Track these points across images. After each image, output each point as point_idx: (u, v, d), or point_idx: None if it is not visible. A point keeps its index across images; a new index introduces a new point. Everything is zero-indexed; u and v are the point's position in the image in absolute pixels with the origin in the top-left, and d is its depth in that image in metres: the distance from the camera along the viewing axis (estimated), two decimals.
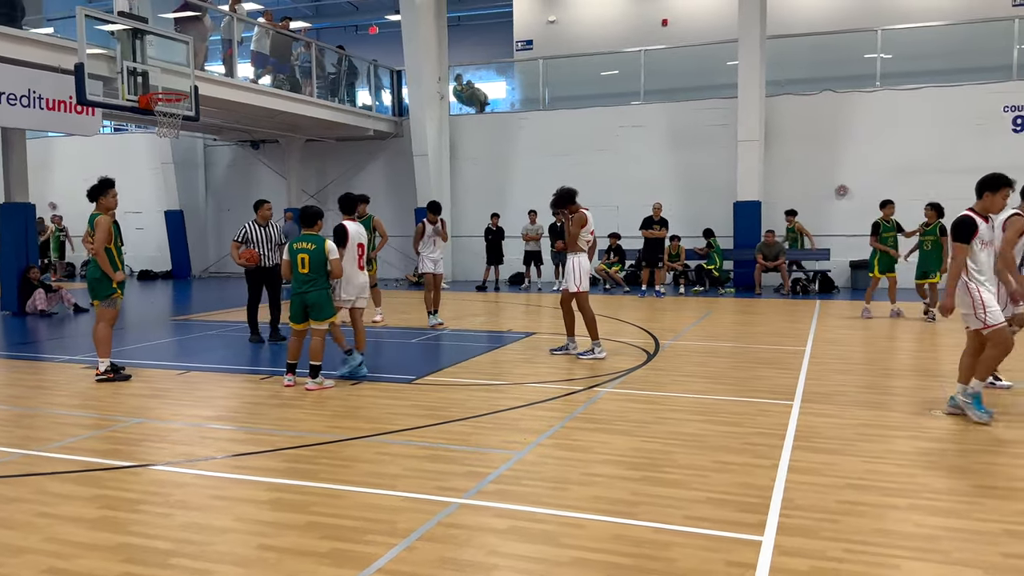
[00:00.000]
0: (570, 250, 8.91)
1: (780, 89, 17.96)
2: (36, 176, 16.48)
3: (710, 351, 9.45)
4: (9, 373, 8.41)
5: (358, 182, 21.29)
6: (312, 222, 7.56)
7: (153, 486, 4.72)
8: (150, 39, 11.27)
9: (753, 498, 4.36)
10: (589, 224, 8.90)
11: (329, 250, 7.36)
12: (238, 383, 7.69)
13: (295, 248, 7.40)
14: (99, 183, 7.91)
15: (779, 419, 6.08)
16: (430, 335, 10.86)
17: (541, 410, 6.48)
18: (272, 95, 16.88)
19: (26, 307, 13.52)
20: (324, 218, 7.75)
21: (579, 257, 8.88)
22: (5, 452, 5.34)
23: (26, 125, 12.57)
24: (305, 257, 7.32)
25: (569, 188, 9.03)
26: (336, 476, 4.82)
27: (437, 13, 19.40)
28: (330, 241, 7.45)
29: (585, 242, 8.92)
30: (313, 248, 7.34)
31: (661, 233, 16.28)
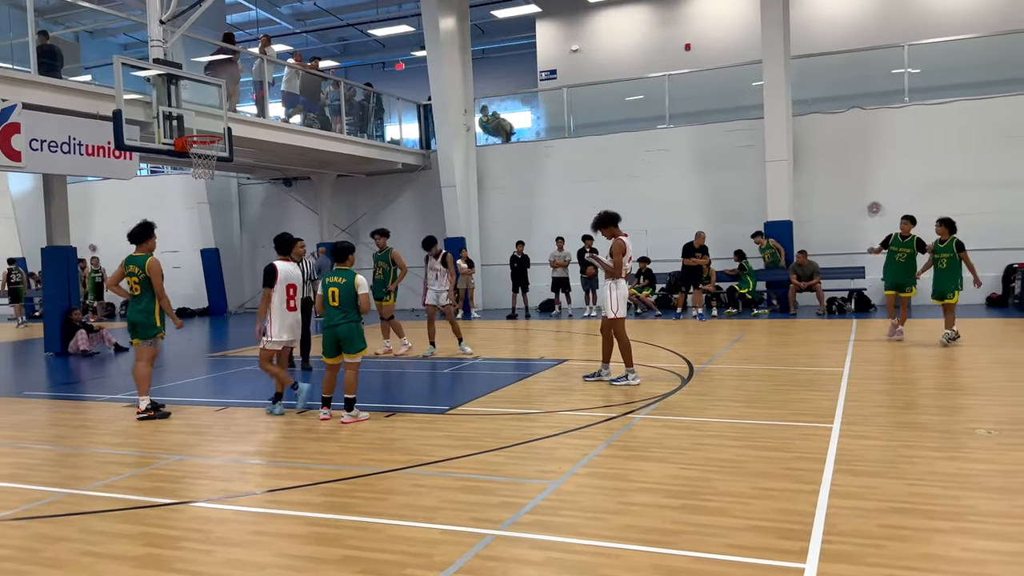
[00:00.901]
0: (615, 276, 8.89)
1: (807, 108, 17.90)
2: (76, 220, 16.92)
3: (746, 374, 9.35)
4: (53, 413, 8.59)
5: (388, 215, 21.57)
6: (344, 257, 7.68)
7: (195, 523, 4.78)
8: (184, 83, 11.57)
9: (794, 524, 4.29)
10: (628, 251, 8.92)
11: (359, 284, 7.45)
12: (275, 417, 7.76)
13: (327, 282, 7.51)
14: (144, 227, 8.15)
15: (819, 443, 5.99)
16: (462, 364, 10.89)
17: (576, 438, 6.46)
18: (303, 133, 17.22)
19: (68, 348, 13.82)
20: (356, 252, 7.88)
21: (616, 283, 8.88)
22: (51, 492, 5.45)
23: (67, 171, 12.95)
24: (336, 291, 7.42)
25: (611, 212, 9.06)
26: (372, 509, 4.84)
27: (462, 47, 19.70)
28: (360, 276, 7.54)
29: (625, 269, 8.94)
30: (344, 282, 7.45)
31: (703, 261, 16.26)
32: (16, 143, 11.23)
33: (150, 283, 7.96)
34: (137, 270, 7.97)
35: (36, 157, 11.67)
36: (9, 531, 4.69)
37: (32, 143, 11.54)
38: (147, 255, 8.04)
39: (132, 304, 8.08)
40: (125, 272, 8.06)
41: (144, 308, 8.00)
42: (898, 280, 11.59)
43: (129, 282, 8.06)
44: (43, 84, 11.77)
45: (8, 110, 11.08)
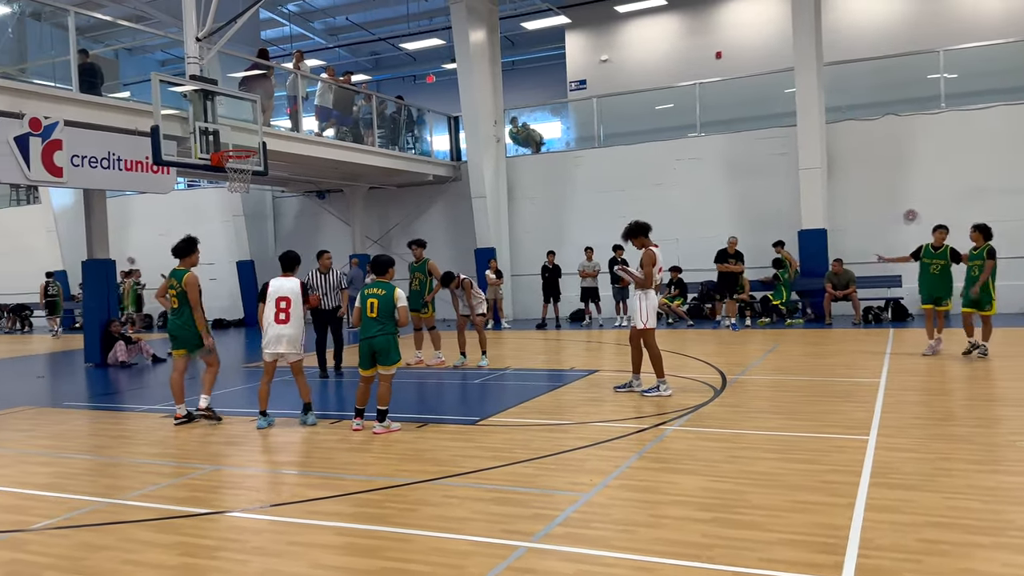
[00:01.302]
0: (646, 287, 8.86)
1: (841, 115, 17.71)
2: (115, 233, 17.27)
3: (780, 385, 9.25)
4: (93, 423, 8.77)
5: (419, 226, 21.72)
6: (384, 270, 7.76)
7: (231, 532, 4.85)
8: (220, 99, 11.78)
9: (830, 538, 4.24)
10: (659, 261, 8.88)
11: (398, 297, 7.50)
12: (309, 428, 7.84)
13: (366, 294, 7.56)
14: (187, 241, 8.35)
15: (855, 455, 5.90)
16: (492, 375, 10.91)
17: (607, 450, 6.44)
18: (336, 147, 17.44)
19: (108, 359, 14.10)
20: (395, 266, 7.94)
21: (646, 293, 8.85)
22: (92, 501, 5.57)
23: (106, 186, 13.25)
24: (374, 302, 7.48)
25: (642, 221, 9.05)
26: (405, 520, 4.87)
27: (491, 60, 19.83)
28: (399, 289, 7.59)
29: (655, 280, 8.91)
30: (383, 294, 7.49)
31: (737, 268, 16.16)
32: (58, 159, 11.53)
33: (187, 296, 8.12)
34: (176, 283, 8.15)
35: (77, 173, 11.96)
36: (52, 540, 4.80)
37: (73, 159, 11.83)
38: (186, 270, 8.21)
39: (172, 317, 8.26)
40: (169, 286, 8.25)
41: (185, 321, 8.18)
42: (935, 293, 11.07)
43: (169, 295, 8.23)
44: (84, 101, 12.07)
45: (51, 127, 11.39)
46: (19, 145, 11.04)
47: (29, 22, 14.00)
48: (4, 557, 4.51)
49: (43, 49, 14.03)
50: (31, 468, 6.70)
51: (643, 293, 8.84)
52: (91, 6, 18.68)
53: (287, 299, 7.96)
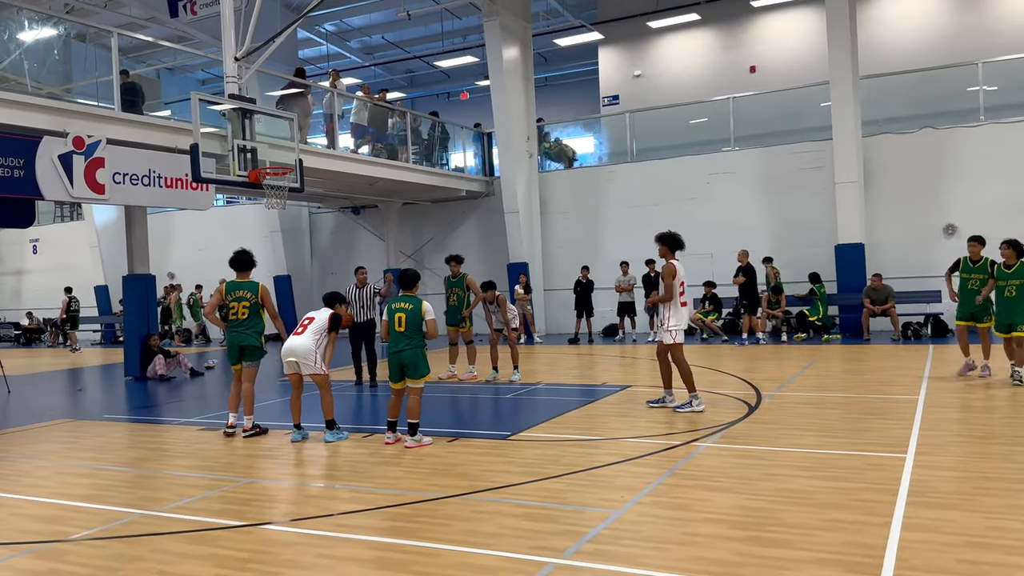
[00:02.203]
0: (667, 300, 8.82)
1: (877, 128, 17.49)
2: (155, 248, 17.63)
3: (816, 402, 9.11)
4: (133, 436, 8.93)
5: (452, 241, 21.84)
6: (411, 284, 7.84)
7: (263, 545, 4.90)
8: (258, 117, 12.00)
9: (865, 558, 4.16)
10: (679, 275, 8.82)
11: (426, 311, 7.55)
12: (339, 442, 7.90)
13: (393, 308, 7.63)
14: (247, 254, 8.68)
15: (891, 473, 5.79)
16: (524, 389, 10.91)
17: (639, 466, 6.39)
18: (371, 163, 17.65)
19: (147, 372, 14.36)
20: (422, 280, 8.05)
21: (674, 308, 8.79)
22: (128, 512, 5.66)
23: (147, 203, 13.53)
24: (402, 316, 7.54)
25: (676, 235, 9.01)
26: (435, 535, 4.88)
27: (524, 76, 19.96)
28: (427, 303, 7.66)
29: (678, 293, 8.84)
30: (410, 308, 7.56)
31: (738, 280, 16.25)
32: (100, 177, 11.82)
33: (258, 307, 8.34)
34: (249, 295, 8.34)
35: (119, 190, 12.25)
36: (89, 550, 4.89)
37: (115, 176, 12.12)
38: (255, 281, 8.42)
39: (239, 329, 8.39)
40: (232, 298, 8.37)
41: (254, 331, 8.39)
42: (973, 309, 10.40)
43: (236, 307, 8.37)
44: (126, 120, 12.39)
45: (93, 145, 11.69)
46: (63, 163, 11.35)
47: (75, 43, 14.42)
48: (44, 567, 4.61)
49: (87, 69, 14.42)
50: (71, 480, 6.85)
51: (670, 307, 8.79)
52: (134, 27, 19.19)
53: (312, 318, 8.23)
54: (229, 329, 8.49)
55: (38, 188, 11.17)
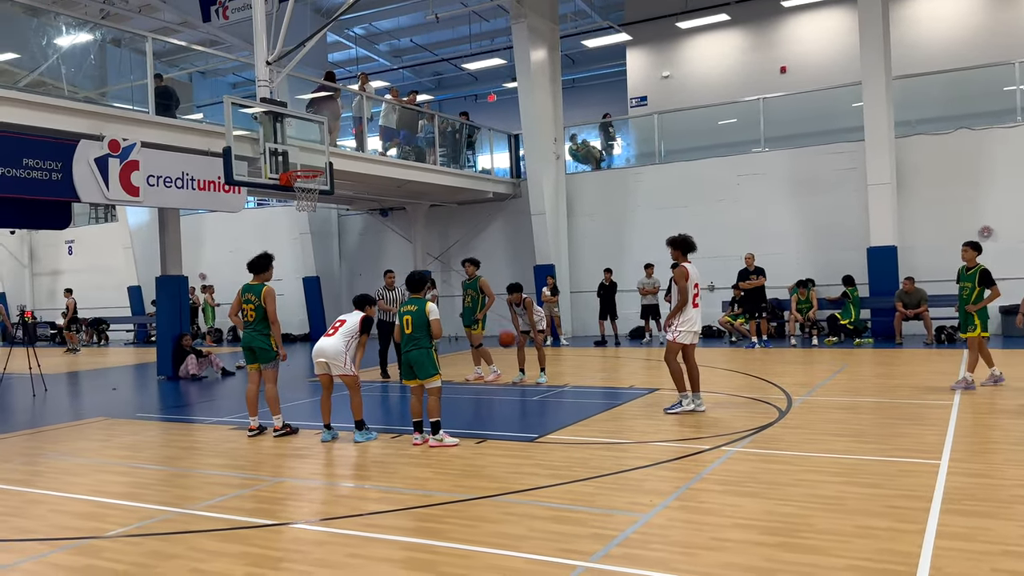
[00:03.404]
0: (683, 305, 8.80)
1: (911, 129, 17.25)
2: (188, 250, 17.89)
3: (848, 406, 9.01)
4: (165, 434, 9.07)
5: (479, 243, 21.90)
6: (418, 287, 7.92)
7: (294, 544, 4.95)
8: (289, 121, 12.12)
9: (898, 565, 4.11)
10: (692, 277, 8.82)
11: (430, 311, 7.63)
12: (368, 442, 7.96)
13: (402, 311, 7.77)
14: (263, 257, 8.67)
15: (925, 479, 5.71)
16: (550, 392, 10.90)
17: (667, 470, 6.37)
18: (399, 165, 17.77)
19: (179, 372, 14.57)
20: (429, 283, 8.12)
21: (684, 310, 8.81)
22: (163, 510, 5.76)
23: (180, 205, 13.74)
24: (409, 319, 7.65)
25: (689, 238, 9.02)
26: (464, 536, 4.90)
27: (552, 78, 19.97)
28: (431, 304, 7.74)
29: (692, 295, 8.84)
30: (416, 310, 7.65)
31: (759, 282, 16.31)
32: (135, 179, 12.04)
33: (264, 310, 8.38)
34: (254, 298, 8.44)
35: (153, 192, 12.45)
36: (125, 547, 4.98)
37: (149, 179, 12.33)
38: (263, 284, 8.49)
39: (248, 330, 8.52)
40: (241, 300, 8.52)
41: (261, 333, 8.44)
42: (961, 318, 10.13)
43: (245, 309, 8.50)
44: (159, 123, 12.60)
45: (128, 148, 11.91)
46: (99, 166, 11.57)
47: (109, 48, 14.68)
48: (81, 563, 4.70)
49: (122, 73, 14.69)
50: (106, 477, 6.97)
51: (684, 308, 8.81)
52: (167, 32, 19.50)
53: (343, 321, 8.31)
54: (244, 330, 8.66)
55: (75, 191, 11.39)
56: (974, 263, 10.06)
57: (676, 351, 8.88)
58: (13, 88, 11.35)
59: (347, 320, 8.28)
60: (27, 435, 9.24)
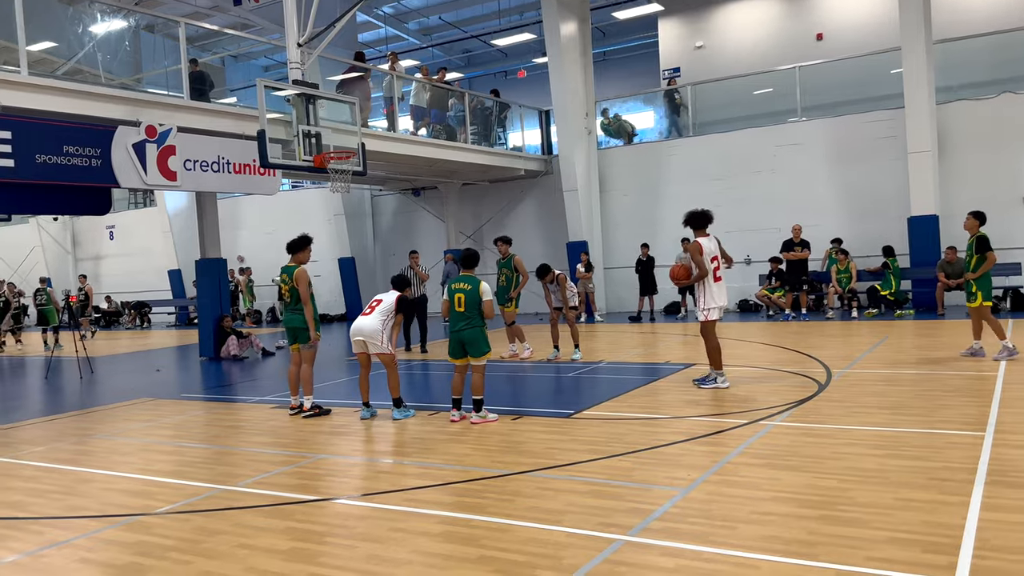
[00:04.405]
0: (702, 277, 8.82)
1: (952, 95, 16.78)
2: (225, 233, 18.14)
3: (889, 379, 8.88)
4: (209, 414, 9.27)
5: (511, 221, 21.87)
6: (471, 264, 7.92)
7: (337, 519, 5.05)
8: (320, 102, 12.19)
9: (942, 538, 4.07)
10: (707, 251, 8.78)
11: (484, 291, 7.64)
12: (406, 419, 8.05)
13: (452, 288, 7.75)
14: (301, 239, 8.78)
15: (969, 452, 5.63)
16: (585, 368, 10.91)
17: (704, 444, 6.35)
18: (431, 145, 17.77)
19: (221, 352, 14.84)
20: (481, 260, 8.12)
21: (707, 285, 8.84)
22: (209, 488, 5.90)
23: (217, 188, 13.92)
24: (461, 297, 7.65)
25: (707, 212, 9.02)
26: (502, 510, 4.95)
27: (582, 52, 19.75)
28: (485, 283, 7.74)
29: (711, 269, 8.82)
30: (469, 288, 7.66)
31: (804, 254, 16.14)
32: (172, 164, 12.20)
33: (297, 291, 8.50)
34: (287, 279, 8.56)
35: (190, 176, 12.62)
36: (173, 523, 5.11)
37: (186, 163, 12.49)
38: (296, 265, 8.60)
39: (288, 311, 8.69)
40: (280, 280, 8.68)
41: (299, 314, 8.59)
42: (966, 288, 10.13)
43: (282, 289, 8.65)
44: (194, 108, 12.73)
45: (165, 133, 12.06)
46: (137, 151, 11.75)
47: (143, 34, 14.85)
48: (132, 538, 4.84)
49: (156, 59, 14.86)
50: (154, 456, 7.15)
51: (704, 285, 8.77)
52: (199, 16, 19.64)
53: (380, 300, 8.39)
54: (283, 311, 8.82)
55: (114, 176, 11.59)
56: (976, 231, 9.98)
57: (712, 328, 8.82)
58: (52, 76, 11.55)
59: (383, 300, 8.36)
60: (76, 416, 9.50)
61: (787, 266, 16.45)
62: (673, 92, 21.11)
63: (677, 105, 20.90)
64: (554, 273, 11.86)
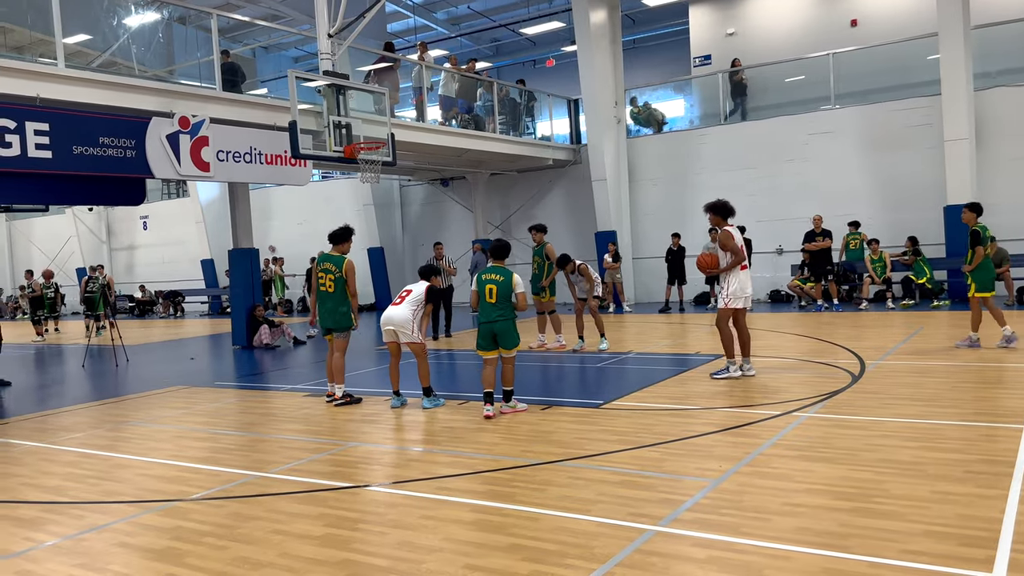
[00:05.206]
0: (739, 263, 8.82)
1: (991, 82, 16.42)
2: (257, 223, 18.33)
3: (924, 371, 8.75)
4: (243, 402, 9.39)
5: (539, 210, 21.83)
6: (502, 255, 7.88)
7: (370, 506, 5.10)
8: (350, 93, 12.24)
9: (979, 531, 4.01)
10: (737, 240, 8.82)
11: (516, 283, 7.60)
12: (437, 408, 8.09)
13: (483, 279, 7.69)
14: (345, 230, 8.90)
15: (1007, 444, 5.53)
16: (614, 359, 10.88)
17: (736, 436, 6.31)
18: (459, 135, 17.78)
19: (253, 341, 15.02)
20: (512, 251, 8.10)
21: (736, 273, 8.84)
22: (244, 474, 5.99)
23: (249, 179, 14.05)
24: (493, 288, 7.60)
25: (718, 202, 9.09)
26: (533, 499, 4.96)
27: (612, 39, 19.60)
28: (516, 275, 7.70)
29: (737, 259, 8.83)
30: (501, 280, 7.61)
31: (826, 244, 16.05)
32: (205, 155, 12.35)
33: (343, 281, 8.56)
34: (334, 268, 8.63)
35: (222, 167, 12.76)
36: (209, 509, 5.20)
37: (219, 154, 12.63)
38: (343, 256, 8.68)
39: (326, 300, 8.71)
40: (320, 269, 8.70)
41: (335, 305, 8.63)
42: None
43: (324, 279, 8.69)
44: (226, 99, 12.85)
45: (198, 125, 12.20)
46: (171, 143, 11.90)
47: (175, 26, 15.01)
48: (169, 523, 4.93)
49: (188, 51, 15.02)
50: (188, 443, 7.27)
51: (733, 273, 8.81)
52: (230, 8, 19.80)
53: (409, 290, 8.41)
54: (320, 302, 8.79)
55: (148, 167, 11.76)
56: (973, 223, 10.15)
57: (728, 316, 8.87)
58: (87, 69, 11.72)
59: (413, 290, 8.39)
60: (112, 403, 9.69)
61: (811, 257, 16.26)
62: (737, 74, 20.39)
63: (743, 86, 20.19)
64: (575, 263, 11.81)
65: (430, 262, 13.18)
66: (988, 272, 10.13)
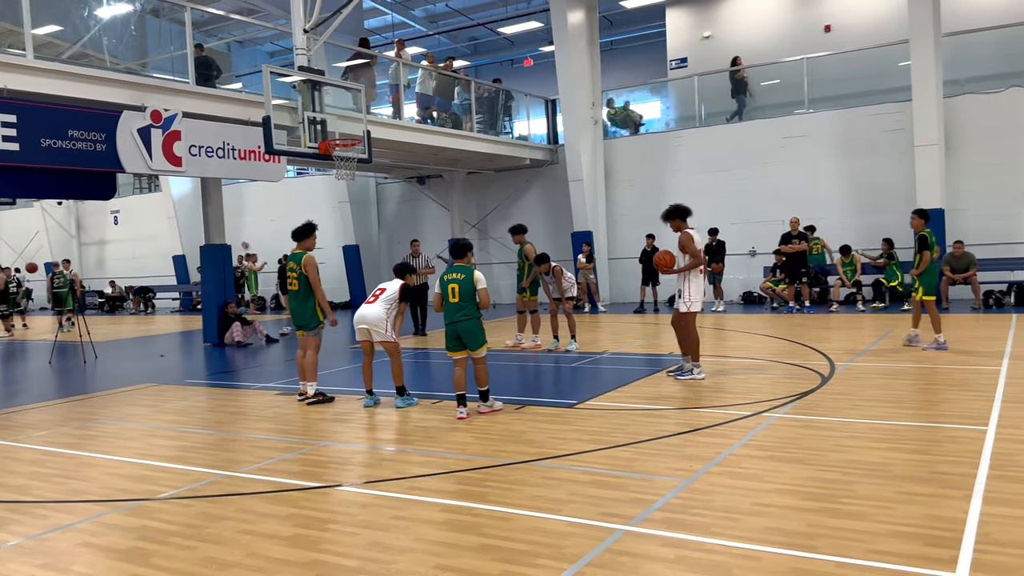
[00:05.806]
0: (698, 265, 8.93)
1: (960, 89, 16.70)
2: (230, 219, 18.12)
3: (892, 372, 8.87)
4: (213, 400, 9.29)
5: (516, 210, 21.83)
6: (462, 254, 7.80)
7: (340, 506, 5.07)
8: (326, 89, 12.15)
9: (944, 531, 4.07)
10: (697, 243, 8.95)
11: (478, 280, 7.52)
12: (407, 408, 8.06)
13: (445, 279, 7.59)
14: (307, 226, 8.79)
15: (971, 446, 5.62)
16: (588, 359, 10.92)
17: (707, 436, 6.35)
18: (436, 133, 17.72)
19: (224, 339, 14.86)
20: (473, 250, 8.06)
21: (694, 276, 8.95)
22: (212, 473, 5.92)
23: (222, 174, 13.90)
24: (455, 287, 7.51)
25: (683, 205, 9.21)
26: (504, 499, 4.96)
27: (589, 41, 19.65)
28: (478, 272, 7.66)
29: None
30: (463, 278, 7.52)
31: (801, 247, 16.27)
32: (177, 149, 12.19)
33: (307, 279, 8.50)
34: (295, 266, 8.55)
35: (195, 162, 12.61)
36: (176, 509, 5.13)
37: (191, 149, 12.47)
38: (303, 252, 8.60)
39: (293, 299, 8.66)
40: (287, 269, 8.66)
41: (301, 302, 8.56)
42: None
43: (290, 277, 8.63)
44: (200, 94, 12.70)
45: (170, 119, 12.04)
46: (142, 136, 11.73)
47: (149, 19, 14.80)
48: (135, 523, 4.86)
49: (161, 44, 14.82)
50: (157, 441, 7.17)
51: (691, 275, 8.90)
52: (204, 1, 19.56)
53: (383, 289, 8.38)
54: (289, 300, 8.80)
55: (119, 161, 11.58)
56: (921, 229, 10.50)
57: (693, 320, 8.96)
58: (57, 60, 11.52)
59: (387, 288, 8.35)
60: (79, 401, 9.54)
61: (786, 259, 16.46)
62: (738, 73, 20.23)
63: (745, 85, 20.04)
64: (549, 264, 11.84)
65: (405, 260, 13.12)
66: (934, 276, 10.58)
